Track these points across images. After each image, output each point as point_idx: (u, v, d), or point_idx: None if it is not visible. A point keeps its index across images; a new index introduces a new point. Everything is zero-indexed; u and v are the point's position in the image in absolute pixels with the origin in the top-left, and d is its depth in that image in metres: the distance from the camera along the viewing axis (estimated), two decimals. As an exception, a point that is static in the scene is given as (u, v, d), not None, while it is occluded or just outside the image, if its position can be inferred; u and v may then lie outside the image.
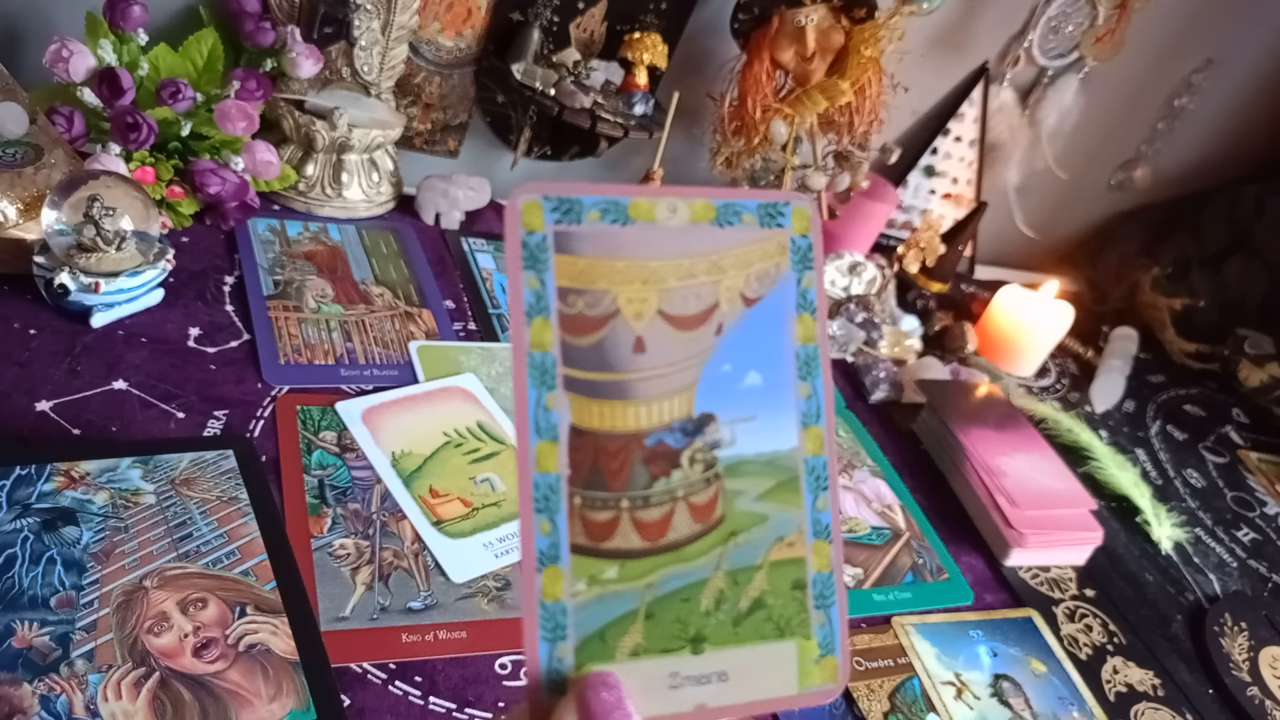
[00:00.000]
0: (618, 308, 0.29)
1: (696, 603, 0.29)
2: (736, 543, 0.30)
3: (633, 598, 0.28)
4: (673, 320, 0.29)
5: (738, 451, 0.30)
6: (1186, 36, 1.33)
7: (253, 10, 0.90)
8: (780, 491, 0.30)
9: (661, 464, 0.29)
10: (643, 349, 0.29)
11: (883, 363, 1.04)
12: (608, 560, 0.28)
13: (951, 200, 1.34)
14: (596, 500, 0.28)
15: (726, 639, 0.29)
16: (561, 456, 0.28)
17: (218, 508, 0.60)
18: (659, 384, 0.29)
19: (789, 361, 0.31)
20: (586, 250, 0.28)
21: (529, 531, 0.28)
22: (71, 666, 0.48)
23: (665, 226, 0.29)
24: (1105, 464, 0.99)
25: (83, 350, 0.70)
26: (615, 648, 0.28)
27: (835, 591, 0.31)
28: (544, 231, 0.28)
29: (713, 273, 0.30)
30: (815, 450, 0.31)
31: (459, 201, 1.02)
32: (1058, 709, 0.70)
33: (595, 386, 0.28)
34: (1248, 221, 1.36)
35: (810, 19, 1.00)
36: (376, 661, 0.56)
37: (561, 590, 0.28)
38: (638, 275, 0.29)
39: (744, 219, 0.30)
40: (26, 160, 0.75)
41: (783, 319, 0.31)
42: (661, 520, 0.29)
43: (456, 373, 0.81)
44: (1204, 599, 0.89)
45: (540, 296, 0.28)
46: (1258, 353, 1.29)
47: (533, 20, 1.01)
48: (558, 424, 0.28)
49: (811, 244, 0.31)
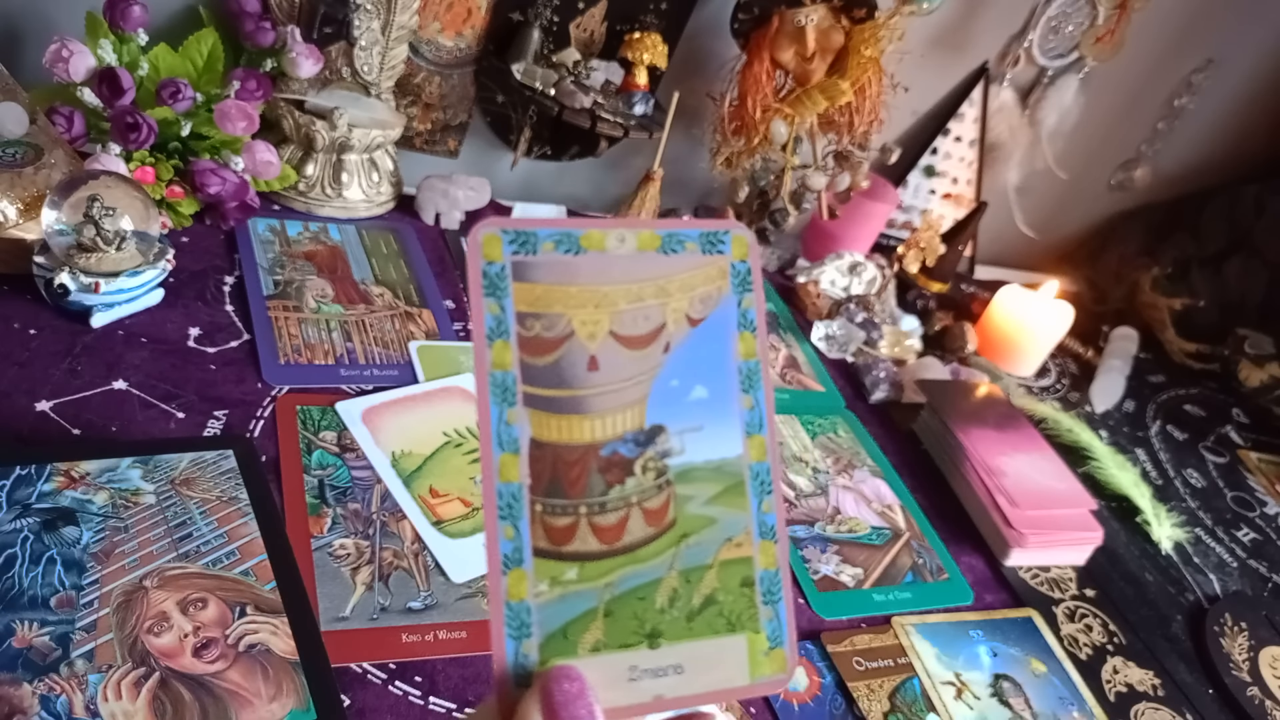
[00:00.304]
0: (572, 329, 0.31)
1: (652, 600, 0.31)
2: (688, 544, 0.32)
3: (592, 597, 0.30)
4: (623, 340, 0.32)
5: (687, 459, 0.32)
6: (1186, 36, 1.33)
7: (253, 10, 0.90)
8: (727, 495, 0.32)
9: (616, 472, 0.31)
10: (596, 367, 0.31)
11: (883, 363, 1.04)
12: (568, 562, 0.30)
13: (951, 200, 1.34)
14: (556, 507, 0.30)
15: (681, 634, 0.31)
16: (523, 467, 0.30)
17: (218, 508, 0.60)
18: (612, 399, 0.31)
19: (732, 375, 0.33)
20: (542, 278, 0.31)
21: (494, 537, 0.29)
22: (71, 666, 0.48)
23: (615, 254, 0.32)
24: (1105, 464, 0.99)
25: (83, 350, 0.70)
26: (577, 643, 0.30)
27: (782, 588, 0.33)
28: (502, 261, 0.30)
29: (659, 296, 0.32)
30: (759, 457, 0.33)
31: (459, 201, 1.02)
32: (1058, 709, 0.70)
33: (553, 402, 0.30)
34: (1248, 221, 1.36)
35: (810, 19, 1.00)
36: (376, 661, 0.56)
37: (526, 591, 0.29)
38: (590, 299, 0.31)
39: (687, 247, 0.33)
40: (26, 160, 0.75)
41: (725, 337, 0.33)
42: (618, 524, 0.31)
43: (456, 373, 0.81)
44: (1204, 599, 0.89)
45: (500, 321, 0.30)
46: (1258, 353, 1.29)
47: (533, 20, 1.01)
48: (519, 437, 0.30)
49: (750, 268, 0.34)
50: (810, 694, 0.65)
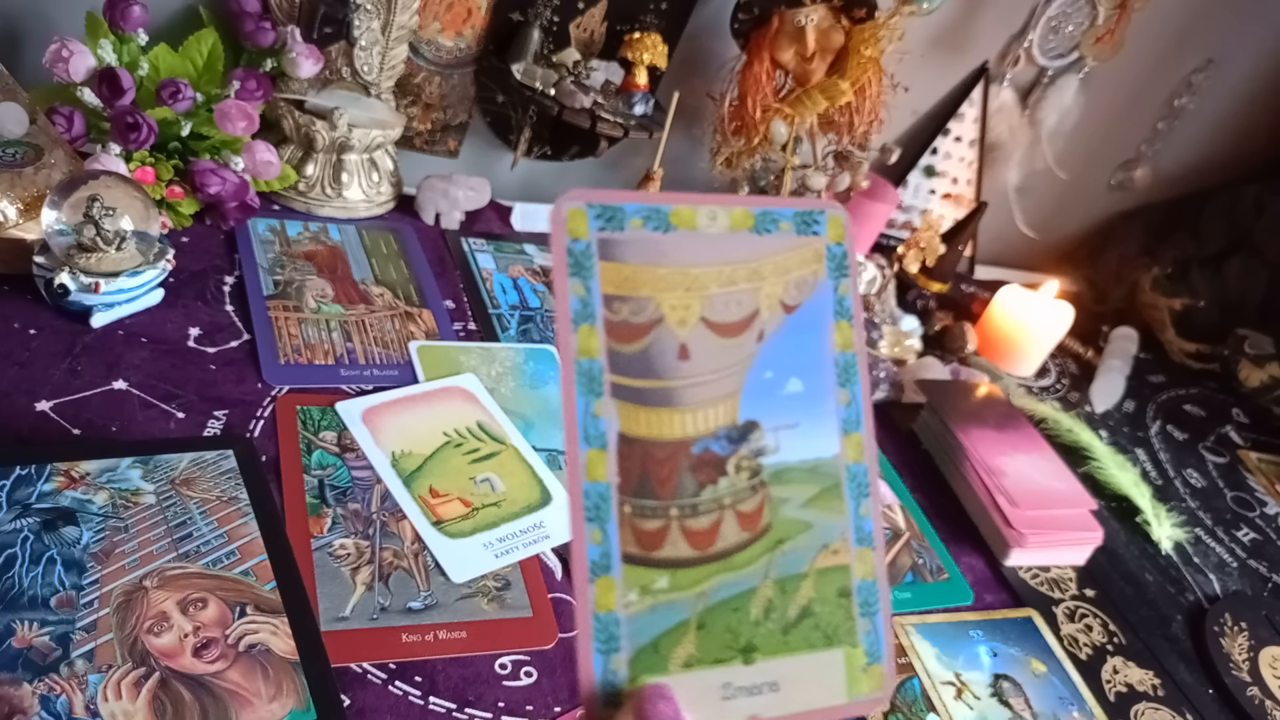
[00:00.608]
0: (662, 314, 0.29)
1: (746, 612, 0.29)
2: (783, 550, 0.30)
3: (684, 607, 0.28)
4: (715, 327, 0.29)
5: (782, 458, 0.30)
6: (1186, 36, 1.33)
7: (253, 10, 0.90)
8: (824, 498, 0.30)
9: (709, 471, 0.29)
10: (687, 355, 0.29)
11: (883, 363, 1.04)
12: (659, 569, 0.28)
13: (951, 200, 1.34)
14: (646, 508, 0.28)
15: (777, 648, 0.29)
16: (610, 464, 0.28)
17: (218, 508, 0.60)
18: (704, 390, 0.29)
19: (829, 368, 0.31)
20: (630, 257, 0.29)
21: (580, 541, 0.27)
22: (71, 666, 0.48)
23: (705, 233, 0.30)
24: (1105, 464, 0.98)
25: (83, 350, 0.70)
26: (669, 659, 0.28)
27: (879, 599, 0.31)
28: (589, 238, 0.28)
29: (753, 280, 0.30)
30: (856, 457, 0.31)
31: (459, 201, 1.02)
32: (1058, 709, 0.70)
33: (642, 393, 0.28)
34: (1248, 221, 1.36)
35: (810, 19, 1.00)
36: (376, 661, 0.56)
37: (614, 601, 0.28)
38: (680, 282, 0.29)
39: (781, 226, 0.31)
40: (26, 160, 0.75)
41: (822, 326, 0.31)
42: (710, 528, 0.29)
43: (456, 373, 0.81)
44: (1204, 599, 0.89)
45: (586, 303, 0.28)
46: (1258, 353, 1.29)
47: (533, 20, 1.01)
48: (606, 431, 0.28)
49: (846, 251, 0.31)
50: (810, 694, 0.65)
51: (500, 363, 0.84)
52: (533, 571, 0.65)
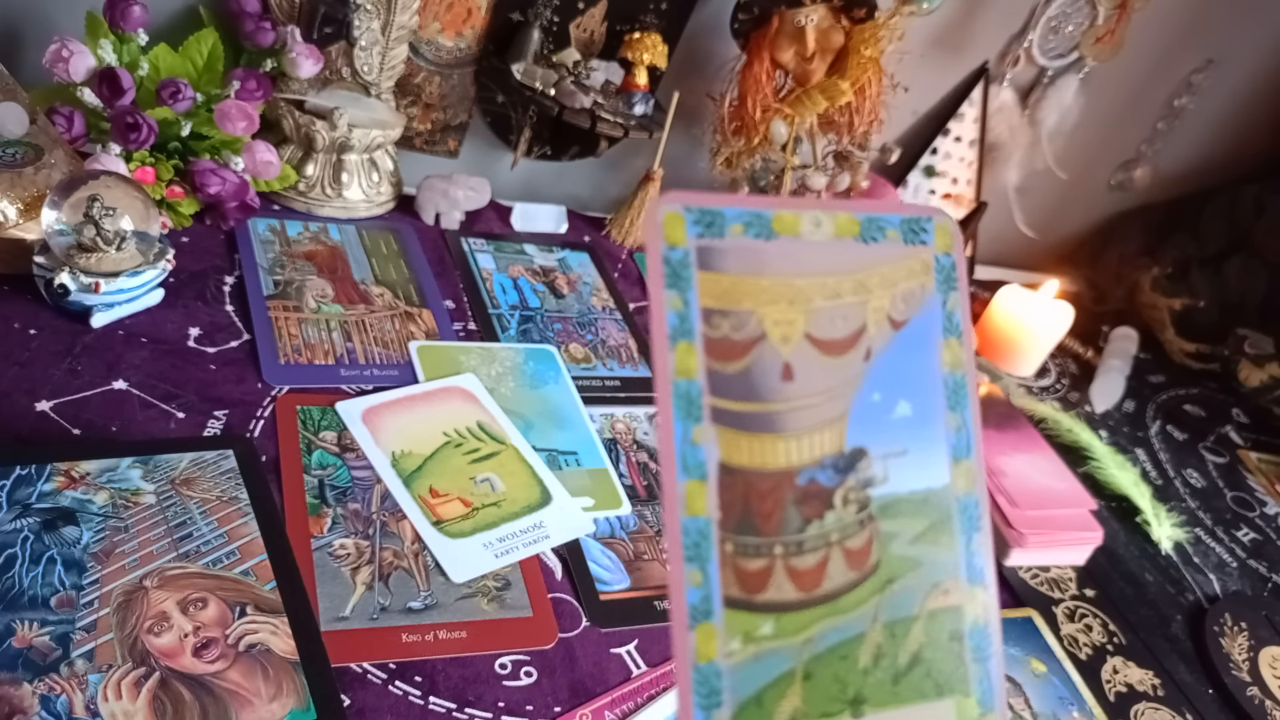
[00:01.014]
0: (764, 331, 0.26)
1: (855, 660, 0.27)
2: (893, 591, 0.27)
3: (790, 656, 0.26)
4: (820, 345, 0.27)
5: (891, 490, 0.27)
6: (1186, 36, 1.33)
7: (253, 10, 0.90)
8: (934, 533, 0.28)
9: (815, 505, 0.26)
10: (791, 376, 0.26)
11: (883, 363, 1.04)
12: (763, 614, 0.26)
13: (951, 200, 1.34)
14: (749, 546, 0.26)
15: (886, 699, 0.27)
16: (711, 498, 0.25)
17: (218, 508, 0.60)
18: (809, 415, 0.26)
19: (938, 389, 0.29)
20: (730, 267, 0.26)
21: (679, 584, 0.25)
22: (71, 666, 0.48)
23: (809, 241, 0.27)
24: (1105, 464, 0.98)
25: (83, 350, 0.70)
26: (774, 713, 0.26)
27: (992, 643, 0.28)
28: (686, 246, 0.26)
29: (859, 292, 0.28)
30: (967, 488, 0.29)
31: (459, 201, 1.02)
32: (1058, 709, 0.70)
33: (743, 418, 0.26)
34: (1248, 221, 1.36)
35: (810, 19, 1.00)
36: (376, 661, 0.56)
37: (716, 650, 0.25)
38: (783, 295, 0.26)
39: (888, 235, 0.28)
40: (26, 160, 0.75)
41: (931, 343, 0.29)
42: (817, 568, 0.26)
43: (456, 373, 0.81)
44: (1204, 599, 0.89)
45: (684, 318, 0.25)
46: (1258, 353, 1.29)
47: (533, 20, 1.01)
48: (706, 461, 0.25)
49: (955, 263, 0.29)
50: (810, 694, 0.65)
51: (500, 363, 0.84)
52: (533, 571, 0.65)
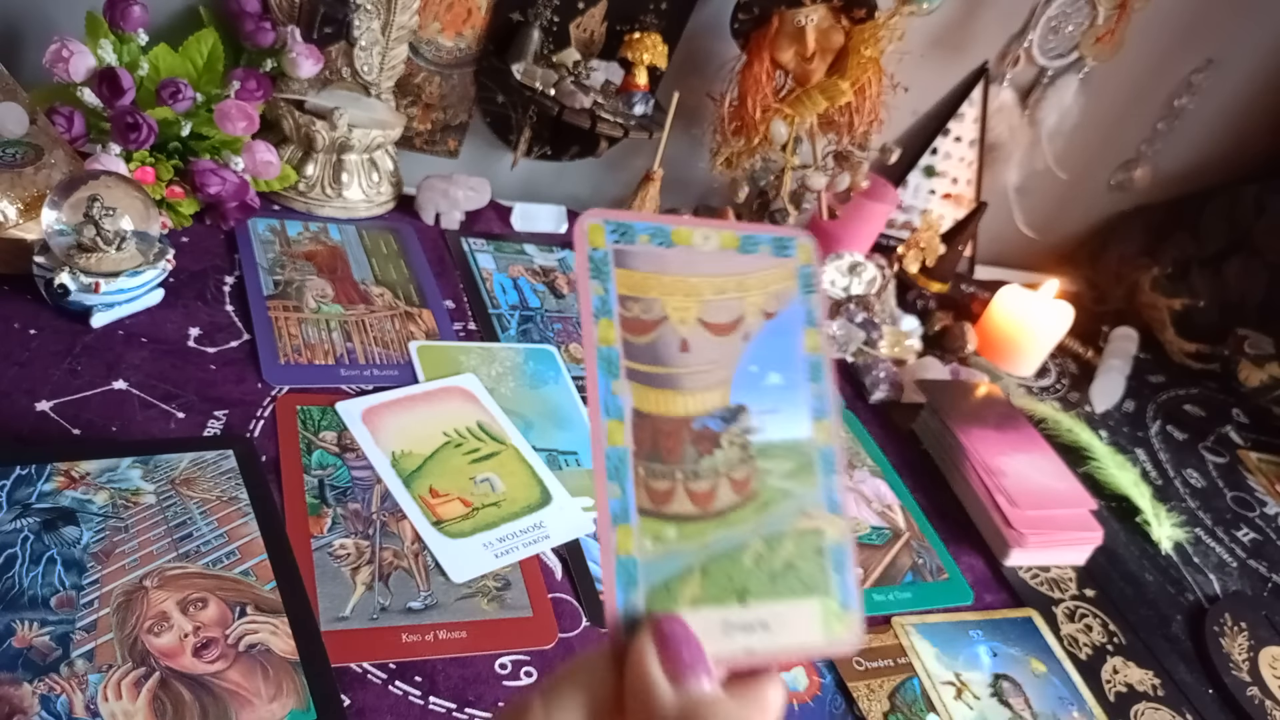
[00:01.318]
0: (666, 314, 0.35)
1: (741, 562, 0.34)
2: (769, 512, 0.35)
3: (690, 556, 0.34)
4: (710, 327, 0.36)
5: (766, 437, 0.36)
6: (1186, 36, 1.33)
7: (253, 10, 0.90)
8: (800, 473, 0.36)
9: (706, 444, 0.35)
10: (687, 349, 0.35)
11: (883, 363, 1.04)
12: (668, 522, 0.34)
13: (951, 200, 1.34)
14: (656, 471, 0.34)
15: (766, 592, 0.34)
16: (627, 433, 0.33)
17: (218, 508, 0.60)
18: (701, 378, 0.35)
19: (802, 366, 0.37)
20: (639, 266, 0.35)
21: (603, 495, 0.33)
22: (71, 666, 0.48)
23: (700, 250, 0.36)
24: (1105, 464, 0.98)
25: (83, 350, 0.70)
26: (678, 597, 0.33)
27: (848, 559, 0.36)
28: (605, 248, 0.34)
29: (740, 290, 0.36)
30: (825, 441, 0.37)
31: (459, 201, 1.02)
32: (1058, 709, 0.70)
33: (651, 378, 0.34)
34: (1248, 221, 1.36)
35: (810, 19, 1.00)
36: (376, 661, 0.56)
37: (632, 546, 0.33)
38: (681, 289, 0.35)
39: (761, 248, 0.37)
40: (26, 160, 0.75)
41: (796, 331, 0.37)
42: (709, 491, 0.34)
43: (456, 373, 0.81)
44: (1204, 599, 0.89)
45: (604, 301, 0.34)
46: (1258, 353, 1.29)
47: (533, 20, 1.01)
48: (623, 407, 0.33)
49: (813, 272, 0.38)
50: (810, 694, 0.65)
51: (500, 363, 0.84)
52: (533, 571, 0.65)
